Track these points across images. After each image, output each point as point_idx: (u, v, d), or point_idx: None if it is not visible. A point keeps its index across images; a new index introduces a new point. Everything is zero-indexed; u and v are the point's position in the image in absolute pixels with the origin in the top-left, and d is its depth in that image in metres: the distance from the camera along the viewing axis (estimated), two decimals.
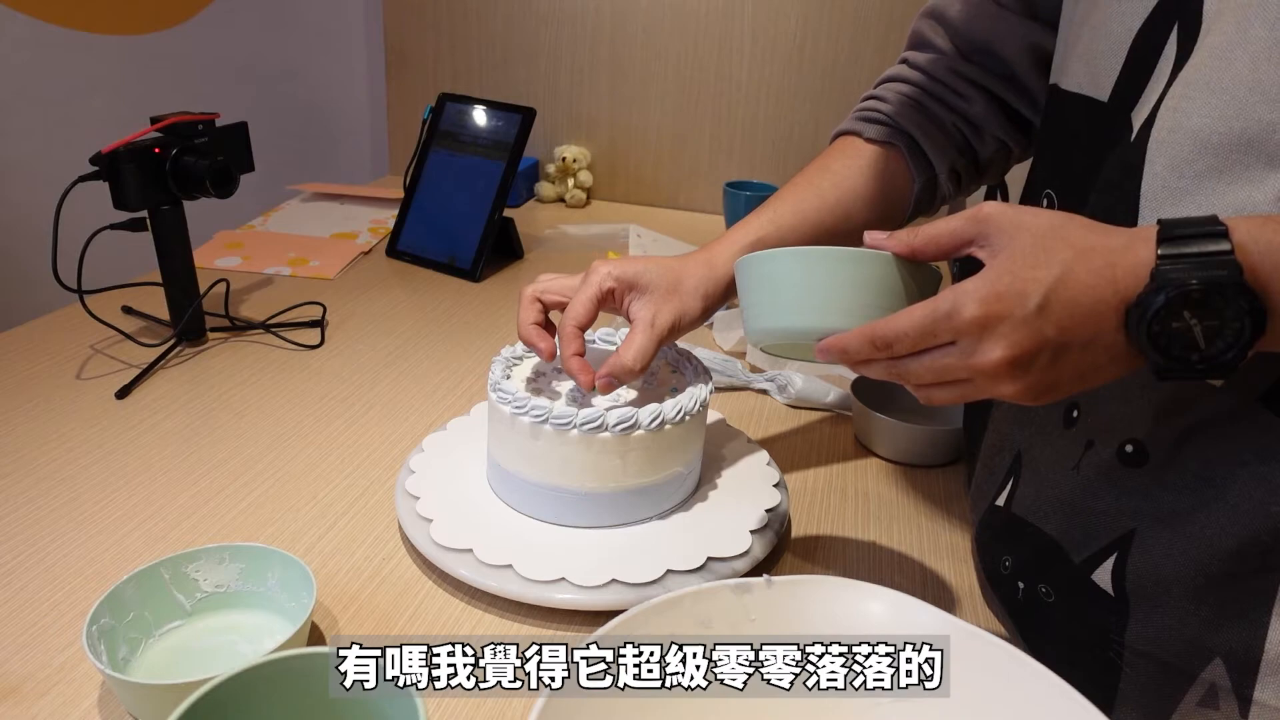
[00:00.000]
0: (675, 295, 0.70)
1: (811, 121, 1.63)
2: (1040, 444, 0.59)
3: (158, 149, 0.94)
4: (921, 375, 0.48)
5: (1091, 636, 0.53)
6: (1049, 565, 0.56)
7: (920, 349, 0.47)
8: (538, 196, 1.75)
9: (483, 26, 1.71)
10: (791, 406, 0.98)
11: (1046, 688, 0.44)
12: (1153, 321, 0.41)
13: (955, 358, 0.46)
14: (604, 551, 0.66)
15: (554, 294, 0.73)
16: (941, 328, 0.45)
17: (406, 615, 0.64)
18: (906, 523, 0.78)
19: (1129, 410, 0.51)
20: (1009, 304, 0.43)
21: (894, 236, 0.51)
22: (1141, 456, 0.51)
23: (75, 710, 0.55)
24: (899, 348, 0.47)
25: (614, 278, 0.70)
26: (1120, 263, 0.42)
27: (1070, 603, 0.55)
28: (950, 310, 0.45)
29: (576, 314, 0.69)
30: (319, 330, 1.08)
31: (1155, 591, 0.50)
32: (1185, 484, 0.49)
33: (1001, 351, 0.44)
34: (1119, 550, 0.52)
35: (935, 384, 0.48)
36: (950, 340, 0.46)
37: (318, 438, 0.86)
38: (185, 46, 1.71)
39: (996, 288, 0.44)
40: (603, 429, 0.65)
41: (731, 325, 1.12)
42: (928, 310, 0.46)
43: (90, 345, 1.01)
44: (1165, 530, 0.50)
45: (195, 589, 0.61)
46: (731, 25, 1.60)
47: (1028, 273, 0.43)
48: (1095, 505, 0.53)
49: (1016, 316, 0.43)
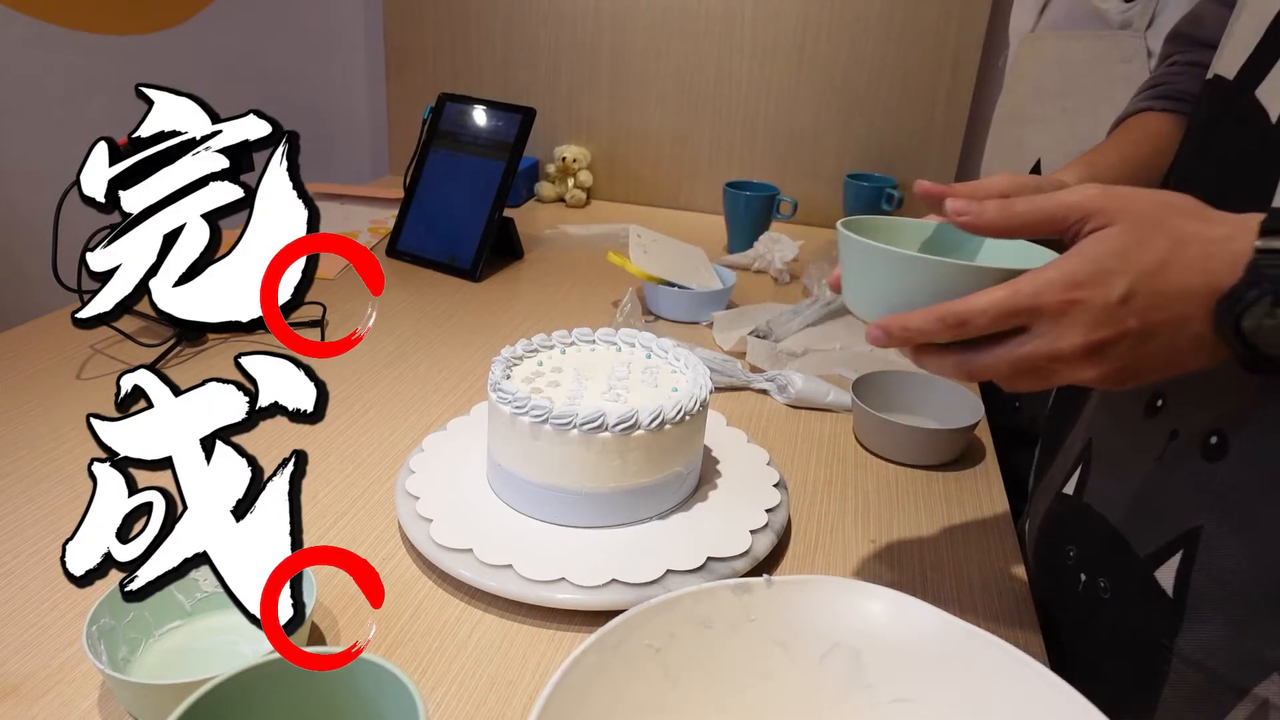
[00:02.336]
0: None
1: (811, 121, 1.63)
2: (1116, 434, 0.57)
3: None
4: (997, 368, 0.46)
5: (1141, 639, 0.52)
6: (1112, 558, 0.55)
7: (994, 330, 0.45)
8: (538, 196, 1.75)
9: (483, 26, 1.71)
10: (791, 406, 0.98)
11: (1047, 688, 0.44)
12: (1242, 316, 0.40)
13: (1034, 346, 0.44)
14: (604, 551, 0.66)
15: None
16: (1023, 308, 0.44)
17: (406, 615, 0.64)
18: (906, 523, 0.78)
19: (1217, 401, 0.50)
20: (1090, 291, 0.42)
21: (967, 209, 0.48)
22: (1222, 449, 0.49)
23: (75, 710, 0.55)
24: (973, 326, 0.45)
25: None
26: (1218, 254, 0.41)
27: (1126, 601, 0.54)
28: (1032, 293, 0.43)
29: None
30: (319, 330, 1.08)
31: (1218, 596, 0.49)
32: (1261, 482, 0.48)
33: (1080, 338, 0.43)
34: (1184, 548, 0.50)
35: (1015, 374, 0.46)
36: (1025, 325, 0.44)
37: (317, 438, 0.86)
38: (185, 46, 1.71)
39: (1078, 276, 0.43)
40: (603, 429, 0.65)
41: (731, 325, 1.12)
42: (1009, 291, 0.44)
43: (90, 345, 1.01)
44: (1234, 530, 0.48)
45: (195, 589, 0.61)
46: (731, 25, 1.60)
47: (1115, 263, 0.42)
48: (1166, 498, 0.52)
49: (1097, 304, 0.42)
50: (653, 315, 1.20)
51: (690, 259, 1.25)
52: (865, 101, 1.59)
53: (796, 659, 0.49)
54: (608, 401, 0.70)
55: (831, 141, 1.63)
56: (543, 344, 0.79)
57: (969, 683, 0.46)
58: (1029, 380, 0.46)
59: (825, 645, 0.49)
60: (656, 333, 0.81)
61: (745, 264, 1.39)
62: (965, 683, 0.46)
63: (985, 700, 0.45)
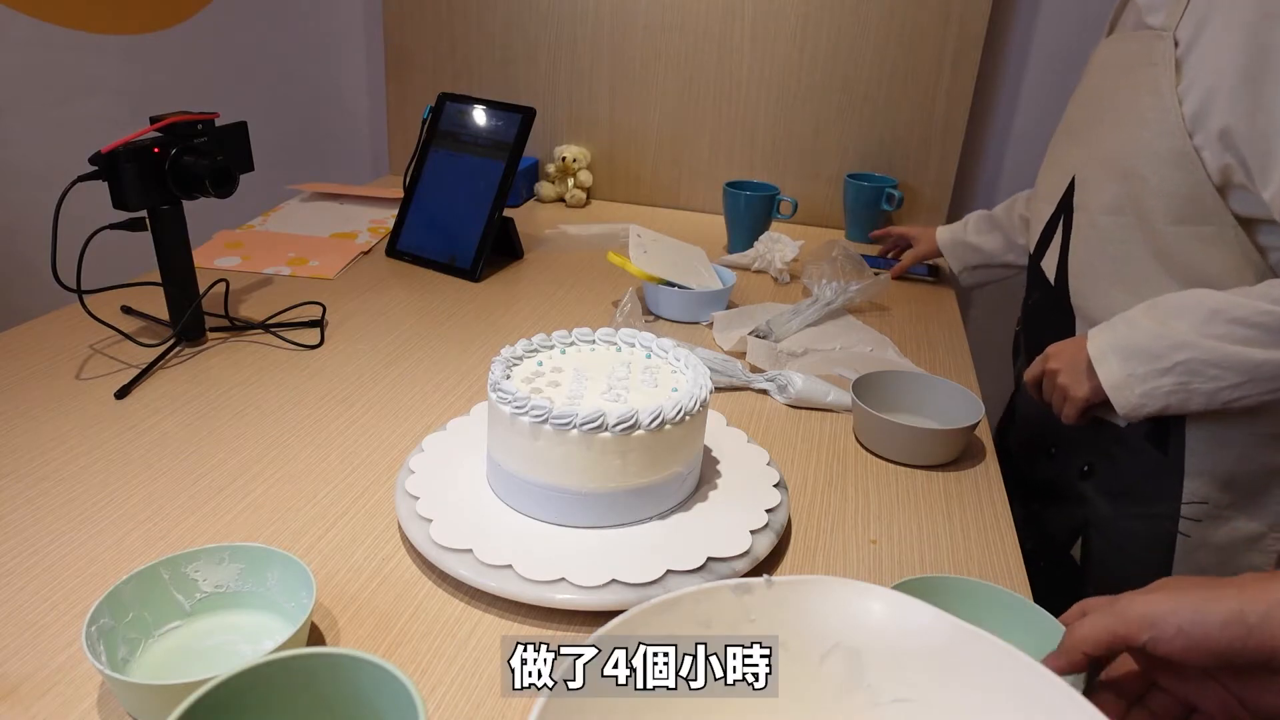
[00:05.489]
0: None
1: (811, 121, 1.63)
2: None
3: (157, 149, 0.94)
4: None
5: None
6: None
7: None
8: (538, 196, 1.75)
9: (483, 26, 1.71)
10: (791, 406, 0.98)
11: (1046, 688, 0.44)
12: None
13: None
14: (604, 551, 0.66)
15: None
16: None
17: (406, 615, 0.64)
18: (906, 523, 0.78)
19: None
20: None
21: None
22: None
23: (75, 710, 0.54)
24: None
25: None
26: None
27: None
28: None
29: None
30: (319, 330, 1.08)
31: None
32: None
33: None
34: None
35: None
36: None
37: (317, 438, 0.86)
38: (185, 46, 1.71)
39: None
40: (603, 429, 0.65)
41: (731, 325, 1.12)
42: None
43: (90, 345, 1.01)
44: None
45: (195, 589, 0.61)
46: (731, 25, 1.60)
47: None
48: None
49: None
50: (653, 315, 1.20)
51: (690, 259, 1.25)
52: (865, 101, 1.59)
53: (796, 659, 0.49)
54: (608, 401, 0.70)
55: (831, 141, 1.63)
56: (543, 344, 0.79)
57: (969, 683, 0.46)
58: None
59: (825, 645, 0.49)
60: (656, 333, 0.81)
61: (745, 264, 1.39)
62: (965, 683, 0.46)
63: (985, 700, 0.45)
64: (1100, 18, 1.03)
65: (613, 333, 0.80)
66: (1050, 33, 1.57)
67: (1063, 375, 0.88)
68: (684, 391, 0.71)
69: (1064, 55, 1.57)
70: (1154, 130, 0.83)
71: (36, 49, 1.48)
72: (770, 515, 0.71)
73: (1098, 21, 1.04)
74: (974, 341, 1.23)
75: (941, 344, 1.17)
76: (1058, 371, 0.89)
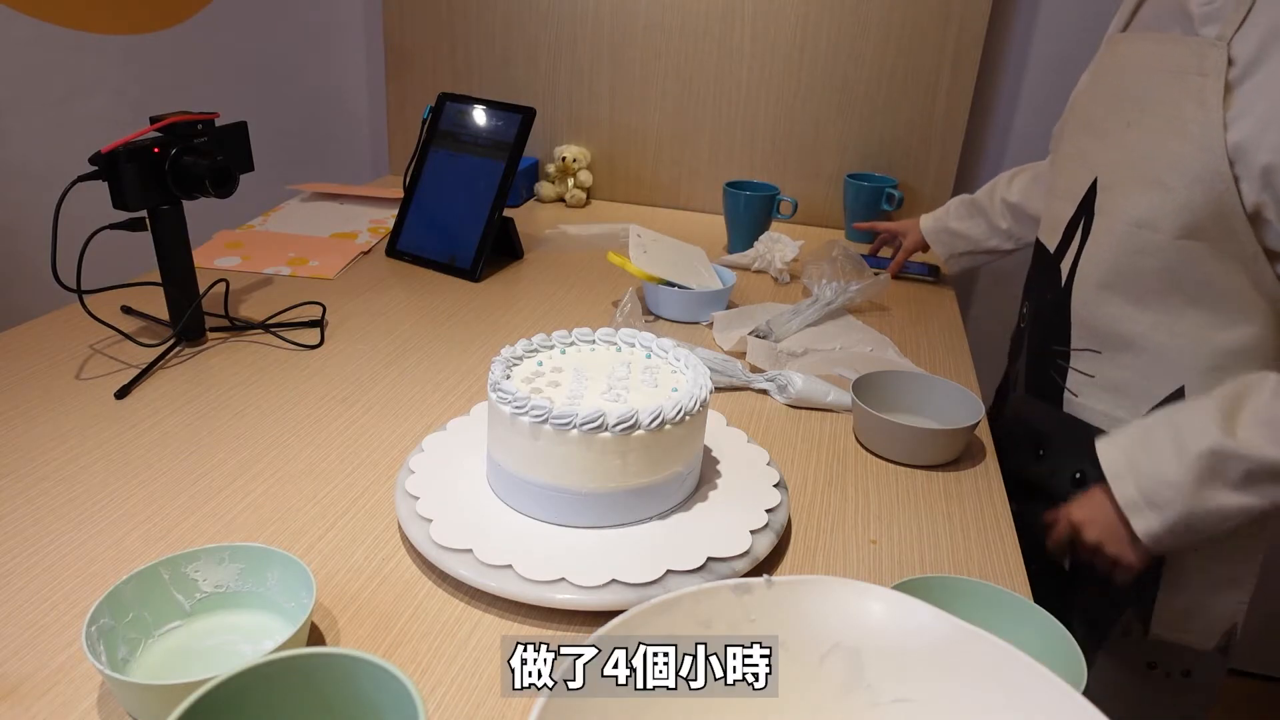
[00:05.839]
0: None
1: (811, 121, 1.63)
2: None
3: (157, 149, 0.94)
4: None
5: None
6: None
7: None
8: (538, 196, 1.75)
9: (483, 26, 1.71)
10: (791, 406, 0.98)
11: (1046, 687, 0.44)
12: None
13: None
14: (604, 551, 0.66)
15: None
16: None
17: (406, 615, 0.64)
18: (906, 523, 0.78)
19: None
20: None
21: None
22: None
23: (75, 710, 0.54)
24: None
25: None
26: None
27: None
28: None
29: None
30: (319, 330, 1.08)
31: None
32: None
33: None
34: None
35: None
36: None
37: (317, 438, 0.86)
38: (185, 46, 1.71)
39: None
40: (603, 429, 0.65)
41: (731, 325, 1.12)
42: None
43: (90, 345, 1.01)
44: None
45: (195, 589, 0.61)
46: (731, 25, 1.60)
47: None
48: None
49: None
50: (653, 315, 1.20)
51: (690, 259, 1.25)
52: (865, 101, 1.59)
53: (796, 659, 0.49)
54: (608, 401, 0.70)
55: (831, 141, 1.63)
56: (543, 344, 0.79)
57: (969, 683, 0.46)
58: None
59: (825, 645, 0.49)
60: (656, 333, 0.81)
61: (745, 264, 1.39)
62: (965, 683, 0.46)
63: (985, 700, 0.45)
64: (1100, 17, 1.03)
65: (613, 333, 0.80)
66: (1050, 33, 1.57)
67: (1109, 546, 0.86)
68: (684, 391, 0.71)
69: (1064, 55, 1.57)
70: (1194, 145, 0.79)
71: (36, 49, 1.48)
72: (770, 515, 0.71)
73: (1098, 21, 1.03)
74: (974, 341, 1.23)
75: (941, 344, 1.17)
76: (1101, 544, 0.86)
